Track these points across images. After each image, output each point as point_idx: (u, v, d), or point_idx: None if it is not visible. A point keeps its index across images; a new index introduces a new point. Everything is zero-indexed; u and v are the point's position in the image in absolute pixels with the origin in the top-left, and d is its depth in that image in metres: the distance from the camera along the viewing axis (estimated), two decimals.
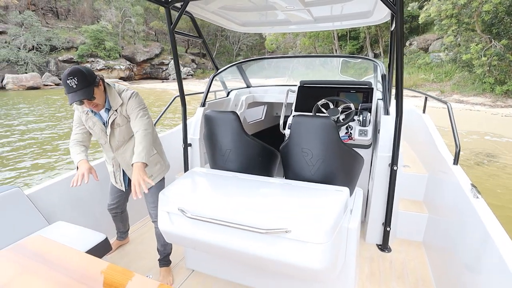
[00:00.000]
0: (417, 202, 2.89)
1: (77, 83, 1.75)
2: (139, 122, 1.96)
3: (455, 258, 1.88)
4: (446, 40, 17.94)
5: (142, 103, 2.04)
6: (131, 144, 2.11)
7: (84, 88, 1.77)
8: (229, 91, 4.01)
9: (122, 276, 1.08)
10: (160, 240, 2.31)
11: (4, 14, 37.71)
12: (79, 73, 1.76)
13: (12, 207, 2.05)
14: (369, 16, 2.79)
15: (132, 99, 2.00)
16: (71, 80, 1.74)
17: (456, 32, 17.27)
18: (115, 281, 1.06)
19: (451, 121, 2.49)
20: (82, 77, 1.76)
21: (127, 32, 43.92)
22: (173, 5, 2.42)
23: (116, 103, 1.99)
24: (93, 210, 2.66)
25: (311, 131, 1.89)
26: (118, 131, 2.05)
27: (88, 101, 1.85)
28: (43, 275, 1.08)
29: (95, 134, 2.10)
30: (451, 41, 17.60)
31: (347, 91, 3.10)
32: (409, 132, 4.13)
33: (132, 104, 1.99)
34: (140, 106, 2.01)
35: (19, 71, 34.76)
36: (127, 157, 2.13)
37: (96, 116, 2.03)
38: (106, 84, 2.01)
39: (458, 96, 17.46)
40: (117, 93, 2.00)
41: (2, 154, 9.64)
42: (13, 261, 1.16)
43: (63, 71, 1.76)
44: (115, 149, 2.12)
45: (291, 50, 34.79)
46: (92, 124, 2.06)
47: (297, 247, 1.48)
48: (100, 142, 2.15)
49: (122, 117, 2.02)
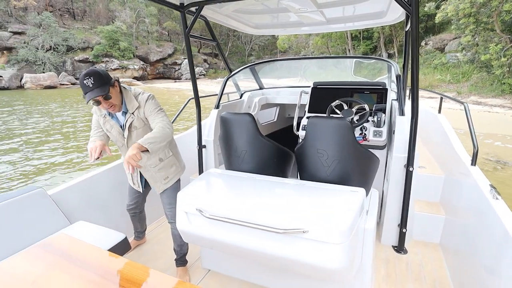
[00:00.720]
0: (433, 204, 2.86)
1: (93, 82, 1.80)
2: (159, 121, 1.98)
3: (474, 260, 1.85)
4: (463, 40, 17.53)
5: (159, 105, 2.08)
6: None
7: (100, 87, 1.82)
8: (242, 93, 4.04)
9: (144, 273, 1.12)
10: (177, 241, 2.35)
11: (23, 15, 38.86)
12: (94, 73, 1.82)
13: (36, 207, 2.12)
14: (383, 16, 2.77)
15: (149, 101, 2.04)
16: (87, 80, 1.79)
17: (474, 31, 16.85)
18: (137, 277, 1.10)
19: (469, 122, 2.46)
20: (98, 76, 1.82)
21: (141, 32, 44.58)
22: (188, 9, 2.46)
23: (132, 106, 2.03)
24: (111, 210, 2.73)
25: (327, 132, 1.90)
26: (135, 134, 2.09)
27: (104, 100, 1.88)
28: (70, 271, 1.13)
29: (113, 137, 2.14)
30: (468, 40, 17.18)
31: (361, 92, 3.09)
32: (424, 133, 4.07)
33: (150, 107, 2.03)
34: (158, 108, 2.05)
35: (37, 70, 35.76)
36: (143, 160, 2.17)
37: (113, 119, 2.08)
38: (123, 87, 2.05)
39: (476, 97, 17.04)
40: (133, 96, 2.05)
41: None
42: (41, 258, 1.21)
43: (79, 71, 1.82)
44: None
45: (304, 50, 34.65)
46: (110, 127, 2.10)
47: (315, 247, 1.49)
48: (117, 145, 2.19)
49: (139, 120, 2.06)
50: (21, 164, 8.68)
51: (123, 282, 1.07)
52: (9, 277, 1.11)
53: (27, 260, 1.20)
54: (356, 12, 2.72)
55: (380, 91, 3.01)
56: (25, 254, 1.23)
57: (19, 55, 35.15)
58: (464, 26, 16.99)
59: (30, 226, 2.03)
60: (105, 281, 1.08)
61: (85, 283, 1.06)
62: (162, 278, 1.10)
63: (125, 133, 2.08)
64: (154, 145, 1.82)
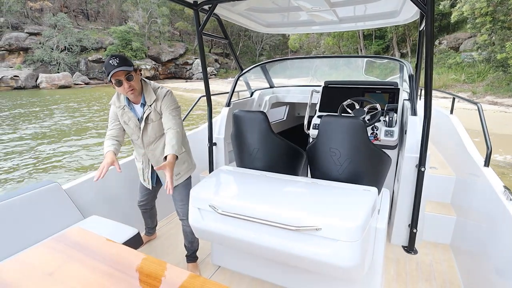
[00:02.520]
0: (444, 204, 2.83)
1: (118, 62, 1.89)
2: (171, 120, 2.04)
3: (486, 262, 1.83)
4: (479, 38, 17.16)
5: (176, 102, 2.13)
6: (161, 142, 2.19)
7: (124, 65, 1.90)
8: (253, 91, 4.06)
9: (157, 266, 1.14)
10: (188, 237, 2.37)
11: (39, 17, 39.82)
12: (119, 55, 1.93)
13: (51, 201, 2.18)
14: (396, 15, 2.74)
15: (167, 96, 2.09)
16: (113, 60, 1.89)
17: (491, 30, 16.47)
18: (151, 270, 1.12)
19: (482, 122, 2.43)
20: (123, 57, 1.93)
21: (153, 32, 45.09)
22: (202, 7, 2.49)
23: (150, 98, 2.08)
24: (123, 205, 2.78)
25: (340, 131, 1.90)
26: (151, 127, 2.13)
27: (127, 80, 1.93)
28: (85, 263, 1.16)
29: (129, 129, 2.18)
30: (485, 39, 16.81)
31: (372, 91, 3.07)
32: (435, 134, 4.03)
33: (167, 102, 2.08)
34: (174, 105, 2.10)
35: (52, 70, 36.62)
36: (157, 154, 2.21)
37: (131, 111, 2.12)
38: (143, 80, 2.10)
39: (492, 97, 16.63)
40: (152, 90, 2.10)
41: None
42: (57, 250, 1.25)
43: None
44: (146, 145, 2.20)
45: (315, 50, 34.47)
46: (128, 119, 2.14)
47: (327, 245, 1.50)
48: (132, 138, 2.24)
49: (156, 113, 2.10)
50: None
51: (138, 275, 1.10)
52: (27, 268, 1.14)
53: (44, 252, 1.24)
54: (369, 11, 2.71)
55: (392, 91, 2.99)
56: (42, 247, 1.27)
57: (35, 56, 36.05)
58: (481, 25, 16.62)
59: (46, 219, 2.09)
60: (120, 273, 1.10)
61: (101, 275, 1.09)
62: (176, 272, 1.12)
63: (142, 125, 2.12)
64: (178, 148, 1.97)
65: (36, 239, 1.92)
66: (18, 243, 1.87)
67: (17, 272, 1.13)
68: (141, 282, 1.06)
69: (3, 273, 1.12)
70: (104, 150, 2.07)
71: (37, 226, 2.03)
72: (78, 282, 1.06)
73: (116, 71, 1.87)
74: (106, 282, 1.05)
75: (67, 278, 1.08)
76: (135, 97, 2.05)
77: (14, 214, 1.96)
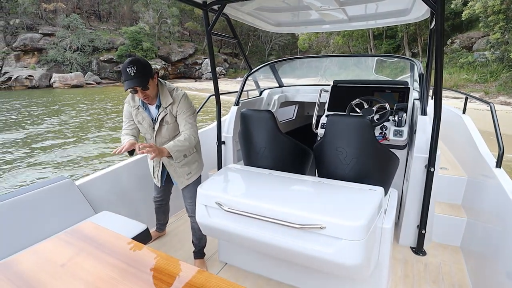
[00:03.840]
0: (455, 206, 2.79)
1: (135, 71, 1.86)
2: (188, 126, 2.07)
3: (497, 265, 1.80)
4: (492, 37, 16.81)
5: (192, 106, 2.14)
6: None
7: (140, 77, 1.88)
8: (262, 90, 4.07)
9: (165, 261, 1.17)
10: (196, 234, 2.40)
11: (53, 18, 40.62)
12: (138, 63, 1.89)
13: (64, 196, 2.24)
14: (407, 14, 2.71)
15: (183, 100, 2.09)
16: (130, 68, 1.85)
17: (504, 29, 16.11)
18: (159, 265, 1.15)
19: (494, 122, 2.39)
20: (141, 67, 1.89)
21: (163, 33, 45.54)
22: (211, 7, 2.51)
23: (166, 101, 2.08)
24: (134, 202, 2.83)
25: (346, 130, 1.90)
26: (165, 128, 2.15)
27: (142, 90, 1.94)
28: (96, 257, 1.20)
29: (143, 129, 2.19)
30: (497, 38, 16.46)
31: (382, 90, 3.04)
32: (447, 134, 3.97)
33: (183, 106, 2.08)
34: (190, 110, 2.11)
35: (65, 70, 37.36)
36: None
37: (146, 111, 2.15)
38: (159, 81, 2.11)
39: (505, 97, 16.28)
40: (168, 92, 2.11)
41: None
42: (69, 243, 1.29)
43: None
44: (159, 145, 2.20)
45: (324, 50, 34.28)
46: (142, 119, 2.15)
47: (332, 243, 1.51)
48: (146, 137, 2.26)
49: (171, 115, 2.11)
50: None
51: (146, 269, 1.13)
52: (41, 260, 1.19)
53: (57, 245, 1.28)
54: (379, 9, 2.69)
55: (402, 90, 2.95)
56: (55, 240, 1.32)
57: (48, 56, 36.86)
58: (493, 23, 16.28)
59: (59, 214, 2.15)
60: (129, 267, 1.13)
61: (110, 268, 1.12)
62: (183, 267, 1.14)
63: (156, 126, 2.13)
64: (178, 153, 1.96)
65: (50, 233, 1.98)
66: (33, 236, 1.93)
67: (31, 263, 1.17)
68: (148, 275, 1.09)
69: (19, 264, 1.17)
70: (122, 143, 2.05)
71: (51, 220, 2.09)
72: (88, 273, 1.10)
73: (131, 86, 1.88)
74: (115, 275, 1.09)
75: (78, 270, 1.12)
76: (149, 102, 2.07)
77: (30, 208, 2.02)
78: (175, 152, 1.93)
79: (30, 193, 2.06)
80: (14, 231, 1.90)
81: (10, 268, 1.15)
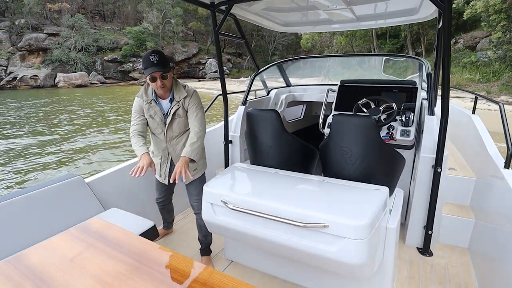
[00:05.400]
0: (462, 207, 2.77)
1: (158, 59, 1.96)
2: (198, 120, 2.15)
3: (506, 267, 1.78)
4: (494, 36, 16.69)
5: (200, 101, 2.22)
6: (184, 137, 2.25)
7: (163, 65, 1.98)
8: (269, 90, 4.07)
9: (172, 257, 1.19)
10: (202, 231, 2.42)
11: (58, 18, 40.88)
12: (160, 52, 2.00)
13: (74, 193, 2.27)
14: (415, 13, 2.70)
15: (195, 95, 2.20)
16: (153, 56, 1.95)
17: (506, 28, 15.98)
18: (166, 261, 1.17)
19: (503, 123, 2.36)
20: (163, 56, 2.00)
21: (167, 32, 45.65)
22: (219, 8, 2.52)
23: (180, 95, 2.16)
24: (141, 199, 2.85)
25: (352, 130, 1.90)
26: (176, 122, 2.20)
27: (162, 79, 2.02)
28: (104, 251, 1.22)
29: (154, 123, 2.22)
30: (499, 37, 16.34)
31: (389, 90, 3.02)
32: (457, 134, 3.94)
33: (195, 101, 2.18)
34: (200, 105, 2.20)
35: (69, 70, 37.57)
36: (178, 149, 2.26)
37: (158, 105, 2.19)
38: (173, 77, 2.19)
39: (507, 97, 16.17)
40: (182, 86, 2.18)
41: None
42: (79, 239, 1.31)
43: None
44: (169, 140, 2.25)
45: (327, 50, 34.22)
46: (154, 113, 2.19)
47: (335, 242, 1.51)
48: (155, 132, 2.27)
49: (183, 109, 2.18)
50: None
51: (153, 264, 1.14)
52: (51, 254, 1.21)
53: (67, 240, 1.30)
54: (387, 9, 2.68)
55: (409, 90, 2.94)
56: (65, 235, 1.34)
57: (53, 56, 37.08)
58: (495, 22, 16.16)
59: (69, 210, 2.18)
60: (136, 262, 1.15)
61: (119, 263, 1.14)
62: (189, 263, 1.16)
63: (168, 119, 2.18)
64: (197, 155, 2.10)
65: (60, 228, 2.00)
66: (44, 231, 1.96)
67: (42, 257, 1.19)
68: (156, 271, 1.10)
69: (30, 258, 1.19)
70: (135, 147, 2.12)
71: (61, 216, 2.12)
72: (97, 268, 1.11)
73: (154, 71, 1.96)
74: (123, 270, 1.10)
75: (87, 264, 1.13)
76: (164, 93, 2.14)
77: (41, 204, 2.06)
78: (196, 155, 2.07)
79: (42, 190, 2.09)
80: (26, 226, 1.93)
81: (21, 262, 1.17)
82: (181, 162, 1.99)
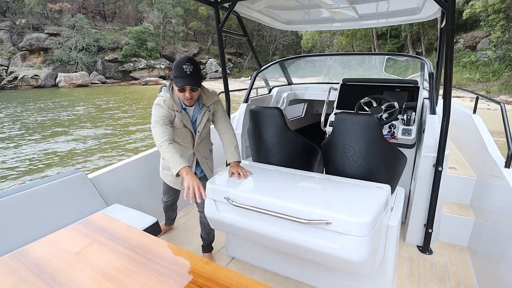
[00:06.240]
0: (462, 206, 2.78)
1: (192, 70, 1.84)
2: (228, 122, 2.21)
3: (505, 266, 1.79)
4: (493, 36, 16.69)
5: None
6: (206, 139, 2.28)
7: (196, 78, 1.88)
8: (271, 88, 4.08)
9: (175, 252, 1.20)
10: (205, 229, 2.42)
11: (59, 18, 40.94)
12: (195, 62, 1.88)
13: (77, 189, 2.28)
14: (418, 12, 2.70)
15: (220, 100, 2.21)
16: (188, 66, 1.82)
17: (505, 28, 15.97)
18: (169, 255, 1.18)
19: (504, 122, 2.37)
20: (197, 68, 1.88)
21: (168, 32, 45.69)
22: (222, 5, 2.54)
23: (210, 100, 2.13)
24: (143, 196, 2.86)
25: (354, 128, 1.91)
26: (205, 127, 2.19)
27: (191, 91, 1.90)
28: (108, 246, 1.23)
29: (183, 132, 2.10)
30: (498, 37, 16.35)
31: (391, 89, 3.03)
32: (458, 133, 3.95)
33: (220, 103, 2.20)
34: (223, 108, 2.23)
35: (70, 70, 37.62)
36: (201, 150, 2.25)
37: (187, 113, 2.09)
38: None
39: (506, 96, 16.17)
40: (209, 90, 2.16)
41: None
42: (83, 233, 1.32)
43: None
44: (196, 145, 2.19)
45: (328, 49, 34.18)
46: (186, 122, 2.07)
47: (337, 239, 1.52)
48: (183, 141, 2.14)
49: (211, 114, 2.17)
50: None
51: (157, 259, 1.15)
52: (56, 248, 1.22)
53: (71, 234, 1.31)
54: (390, 8, 2.68)
55: (411, 89, 2.95)
56: (69, 230, 1.35)
57: (54, 55, 37.12)
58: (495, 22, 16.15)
59: (72, 206, 2.20)
60: (139, 256, 1.16)
61: (122, 257, 1.15)
62: (193, 258, 1.17)
63: (200, 127, 2.13)
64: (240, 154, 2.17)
65: (64, 223, 2.02)
66: (47, 226, 1.98)
67: (47, 251, 1.20)
68: (159, 266, 1.11)
69: (35, 252, 1.20)
70: (172, 159, 1.83)
71: (65, 212, 2.14)
72: (101, 262, 1.13)
73: (186, 84, 1.85)
74: (127, 264, 1.12)
75: (91, 258, 1.15)
76: (191, 103, 2.02)
77: (44, 200, 2.08)
78: (240, 157, 2.14)
79: (45, 185, 2.11)
80: (30, 221, 1.95)
81: (26, 256, 1.18)
82: (235, 168, 2.03)
